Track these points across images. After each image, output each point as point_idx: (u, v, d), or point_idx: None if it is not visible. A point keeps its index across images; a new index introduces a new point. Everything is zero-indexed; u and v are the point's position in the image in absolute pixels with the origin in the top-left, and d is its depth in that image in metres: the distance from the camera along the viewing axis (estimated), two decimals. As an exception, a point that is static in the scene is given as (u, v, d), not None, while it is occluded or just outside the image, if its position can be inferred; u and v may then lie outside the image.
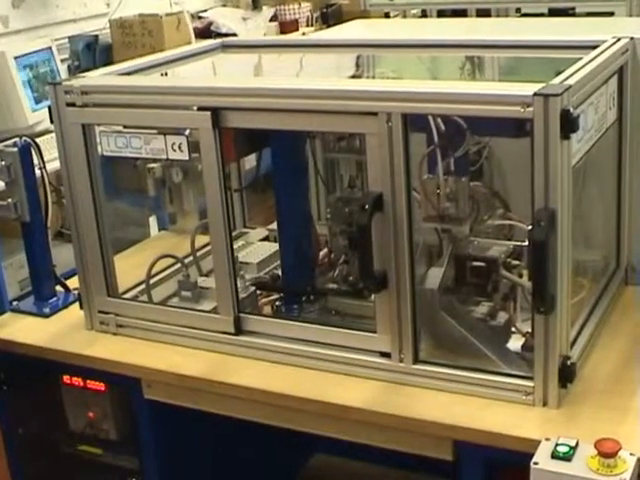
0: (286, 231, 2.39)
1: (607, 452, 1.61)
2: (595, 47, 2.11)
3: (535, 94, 1.70)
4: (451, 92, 1.83)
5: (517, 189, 2.21)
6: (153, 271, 2.47)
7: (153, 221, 3.95)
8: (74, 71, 4.94)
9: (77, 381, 2.32)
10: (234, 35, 5.71)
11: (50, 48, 4.47)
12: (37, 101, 4.26)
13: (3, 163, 2.38)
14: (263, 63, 2.85)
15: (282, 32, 6.38)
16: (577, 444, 1.66)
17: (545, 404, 1.86)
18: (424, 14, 5.66)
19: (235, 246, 2.30)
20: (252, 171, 2.64)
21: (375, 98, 1.87)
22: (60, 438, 2.46)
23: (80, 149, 2.21)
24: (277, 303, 2.37)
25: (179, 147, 2.11)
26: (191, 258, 2.54)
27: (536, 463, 1.64)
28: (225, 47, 2.74)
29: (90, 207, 2.25)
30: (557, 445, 1.66)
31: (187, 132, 2.12)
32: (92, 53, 5.10)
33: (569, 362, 1.85)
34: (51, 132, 3.21)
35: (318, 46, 2.77)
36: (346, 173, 2.47)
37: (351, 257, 2.30)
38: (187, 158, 2.13)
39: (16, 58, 4.21)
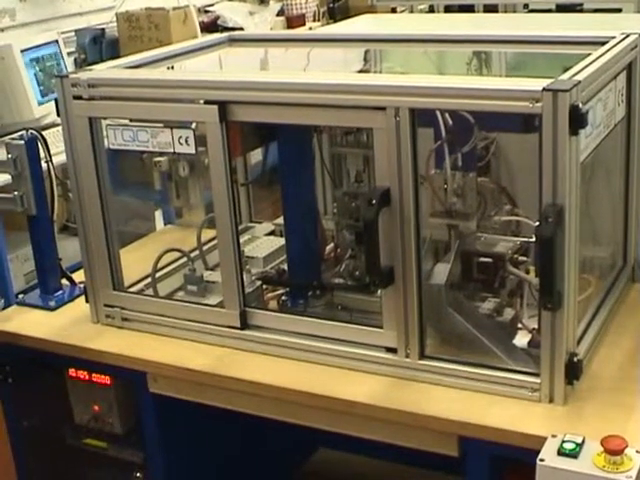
0: (292, 225, 2.38)
1: (613, 449, 1.61)
2: (603, 43, 2.10)
3: (544, 89, 1.70)
4: (459, 87, 1.82)
5: (525, 185, 2.21)
6: (159, 265, 2.47)
7: (159, 215, 3.96)
8: (80, 64, 4.93)
9: (82, 374, 2.32)
10: (241, 29, 5.70)
11: (57, 41, 4.47)
12: (43, 94, 4.25)
13: (10, 156, 2.38)
14: (270, 57, 2.85)
15: (289, 27, 6.36)
16: (583, 441, 1.66)
17: (551, 401, 1.85)
18: (431, 9, 5.65)
19: (241, 240, 2.30)
20: (258, 165, 2.63)
21: (383, 93, 1.86)
22: (65, 431, 2.47)
23: (87, 142, 2.20)
24: (283, 298, 2.37)
25: (186, 141, 2.11)
26: (197, 252, 2.53)
27: (542, 460, 1.64)
28: (232, 41, 2.74)
29: (96, 201, 2.25)
30: (563, 442, 1.66)
31: (194, 126, 2.12)
32: (98, 46, 5.09)
33: (576, 359, 1.85)
34: (57, 125, 3.21)
35: (325, 41, 2.76)
36: (353, 168, 2.46)
37: (357, 252, 2.30)
38: (194, 152, 2.12)
39: (23, 51, 4.21)
